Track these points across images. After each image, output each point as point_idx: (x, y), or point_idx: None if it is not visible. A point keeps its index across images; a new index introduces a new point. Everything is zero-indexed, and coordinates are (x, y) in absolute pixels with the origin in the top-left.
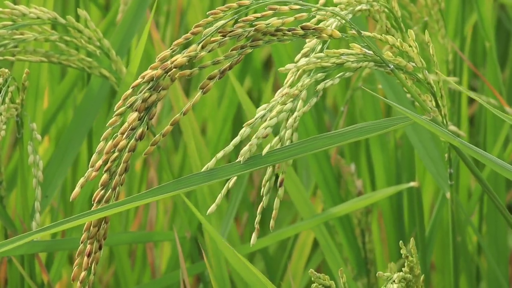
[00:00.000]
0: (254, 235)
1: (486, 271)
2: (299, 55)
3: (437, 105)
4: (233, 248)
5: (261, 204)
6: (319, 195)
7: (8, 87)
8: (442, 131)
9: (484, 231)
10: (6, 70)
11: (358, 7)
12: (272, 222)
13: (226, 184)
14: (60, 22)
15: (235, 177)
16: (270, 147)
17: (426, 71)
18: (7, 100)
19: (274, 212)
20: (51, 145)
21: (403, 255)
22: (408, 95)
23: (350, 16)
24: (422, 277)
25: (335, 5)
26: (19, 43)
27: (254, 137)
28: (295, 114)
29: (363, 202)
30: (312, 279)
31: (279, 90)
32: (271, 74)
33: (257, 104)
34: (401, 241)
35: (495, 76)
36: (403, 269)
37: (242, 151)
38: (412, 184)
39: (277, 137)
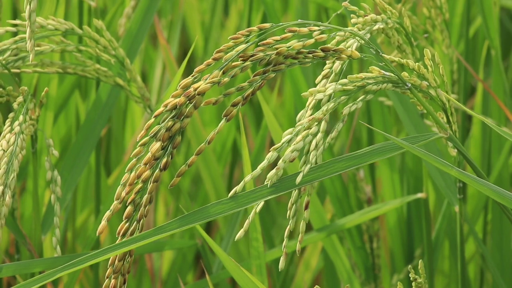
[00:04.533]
0: (282, 259)
1: (491, 283)
2: (319, 77)
3: (448, 121)
4: (236, 263)
5: (288, 227)
6: (328, 202)
7: (28, 105)
8: (446, 165)
9: (488, 240)
10: (25, 88)
11: (376, 27)
12: (298, 246)
13: (253, 210)
14: (77, 32)
15: (262, 202)
16: (297, 170)
17: (440, 90)
18: (27, 118)
19: (300, 235)
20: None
21: (411, 277)
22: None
23: (368, 35)
24: None
25: (352, 25)
26: (36, 55)
27: (281, 160)
28: (319, 136)
29: (371, 214)
30: None
31: (300, 113)
32: (277, 80)
33: (258, 108)
34: (410, 266)
35: (501, 85)
36: None
37: (269, 175)
38: (419, 195)
39: (304, 161)
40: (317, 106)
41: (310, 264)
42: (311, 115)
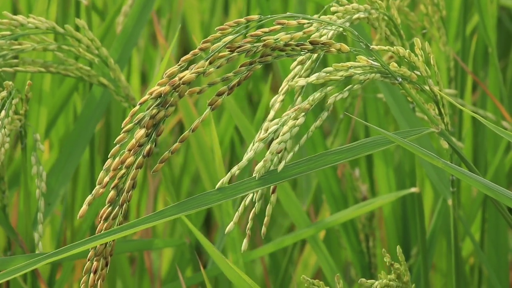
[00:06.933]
0: (245, 241)
1: (487, 279)
2: (294, 63)
3: (440, 113)
4: (228, 260)
5: (253, 210)
6: (325, 202)
7: (12, 99)
8: (441, 162)
9: (486, 238)
10: (10, 83)
11: (356, 15)
12: (263, 229)
13: (242, 202)
14: (59, 31)
15: (251, 194)
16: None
17: (430, 80)
18: (10, 113)
19: (266, 218)
20: (53, 152)
21: (387, 262)
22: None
23: (348, 24)
24: (413, 286)
25: (332, 13)
26: (17, 53)
27: (268, 152)
28: (297, 121)
29: (364, 209)
30: (306, 285)
31: (273, 98)
32: (270, 75)
33: (257, 108)
34: (383, 250)
35: (497, 83)
36: (388, 276)
37: (256, 167)
38: (413, 189)
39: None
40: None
41: (308, 263)
42: (282, 100)
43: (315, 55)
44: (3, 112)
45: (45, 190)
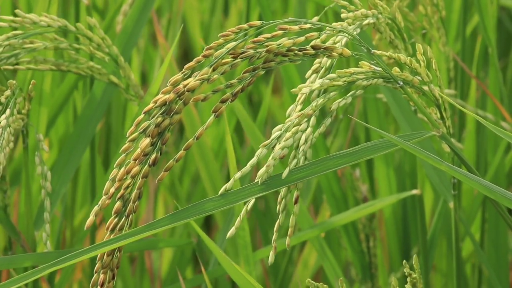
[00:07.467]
0: (271, 254)
1: (487, 279)
2: (309, 72)
3: (442, 117)
4: (231, 261)
5: (278, 222)
6: (325, 201)
7: (16, 98)
8: (441, 163)
9: (486, 238)
10: (14, 82)
11: (365, 21)
12: (288, 240)
13: (245, 207)
14: (70, 29)
15: (253, 200)
16: (287, 164)
17: (432, 85)
18: (15, 111)
19: (290, 230)
20: (52, 151)
21: (406, 273)
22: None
23: (358, 30)
24: None
25: (342, 19)
26: (29, 52)
27: (271, 157)
28: (308, 130)
29: (365, 211)
30: None
31: (290, 107)
32: (271, 76)
33: (257, 108)
34: (404, 261)
35: (497, 83)
36: (405, 286)
37: (259, 173)
38: (414, 191)
39: (293, 157)
40: (308, 101)
41: (308, 263)
42: (300, 110)
43: (328, 63)
44: (8, 111)
45: (51, 190)
